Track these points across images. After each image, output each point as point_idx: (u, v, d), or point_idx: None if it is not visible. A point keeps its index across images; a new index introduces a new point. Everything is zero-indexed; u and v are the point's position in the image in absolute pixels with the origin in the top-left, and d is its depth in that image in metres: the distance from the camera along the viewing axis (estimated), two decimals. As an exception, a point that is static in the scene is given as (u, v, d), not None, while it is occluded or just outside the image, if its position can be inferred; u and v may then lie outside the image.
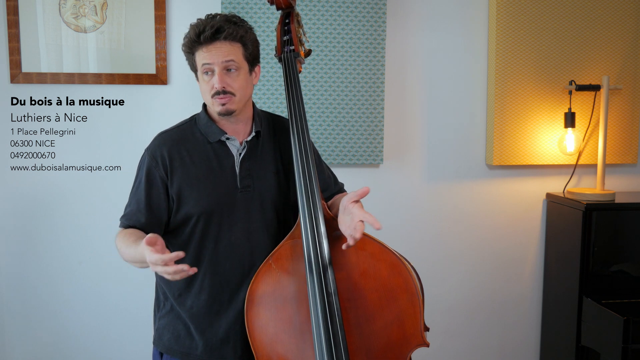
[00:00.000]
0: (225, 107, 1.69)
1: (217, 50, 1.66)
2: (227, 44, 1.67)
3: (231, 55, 1.67)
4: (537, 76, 2.90)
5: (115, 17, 2.64)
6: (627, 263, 2.76)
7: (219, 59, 1.66)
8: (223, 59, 1.66)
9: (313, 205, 1.69)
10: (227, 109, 1.69)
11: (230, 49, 1.67)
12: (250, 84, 1.76)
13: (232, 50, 1.68)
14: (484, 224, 3.02)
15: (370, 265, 1.66)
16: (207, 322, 1.74)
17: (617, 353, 2.48)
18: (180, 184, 1.72)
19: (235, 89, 1.69)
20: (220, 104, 1.68)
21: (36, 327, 2.75)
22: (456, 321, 3.04)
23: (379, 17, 2.75)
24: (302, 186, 1.71)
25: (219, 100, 1.68)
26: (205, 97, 1.72)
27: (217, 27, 1.65)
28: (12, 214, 2.70)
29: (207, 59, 1.67)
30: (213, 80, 1.67)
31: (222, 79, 1.67)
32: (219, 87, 1.66)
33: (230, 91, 1.68)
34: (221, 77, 1.66)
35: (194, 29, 1.67)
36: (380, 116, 2.79)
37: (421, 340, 1.64)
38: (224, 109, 1.69)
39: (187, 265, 1.40)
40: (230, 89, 1.68)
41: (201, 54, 1.68)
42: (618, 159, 3.01)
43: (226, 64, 1.67)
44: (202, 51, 1.67)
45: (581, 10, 2.90)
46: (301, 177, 1.72)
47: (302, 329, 1.64)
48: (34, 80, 2.62)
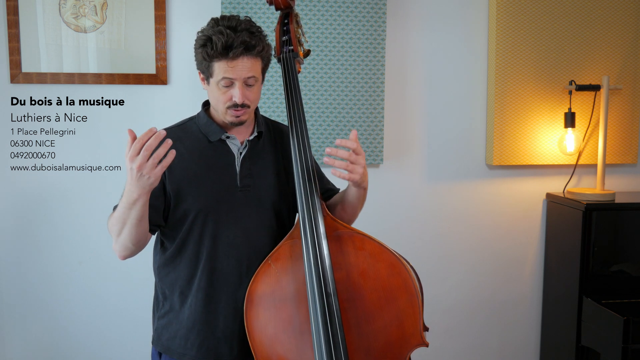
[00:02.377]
0: (239, 119, 1.69)
1: (242, 66, 1.64)
2: (252, 59, 1.65)
3: (253, 71, 1.66)
4: (537, 76, 2.91)
5: (115, 17, 2.64)
6: (627, 263, 2.76)
7: (242, 75, 1.64)
8: (246, 75, 1.65)
9: (312, 205, 1.69)
10: (241, 120, 1.70)
11: (253, 64, 1.66)
12: (260, 92, 1.77)
13: (254, 65, 1.66)
14: (484, 224, 3.02)
15: (370, 265, 1.66)
16: (205, 321, 1.74)
17: (617, 353, 2.48)
18: (179, 180, 1.71)
19: (252, 102, 1.69)
20: (235, 116, 1.68)
21: (36, 327, 2.75)
22: (456, 321, 3.04)
23: (379, 17, 2.75)
24: (301, 186, 1.71)
25: (234, 113, 1.68)
26: (218, 105, 1.70)
27: (246, 43, 1.62)
28: (12, 214, 2.70)
29: (229, 73, 1.63)
30: (232, 92, 1.65)
31: (244, 94, 1.65)
32: (239, 102, 1.65)
33: (248, 104, 1.68)
34: (242, 92, 1.65)
35: (221, 41, 1.60)
36: (380, 116, 2.80)
37: (420, 340, 1.64)
38: (238, 120, 1.69)
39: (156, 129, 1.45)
40: (248, 102, 1.68)
41: (223, 66, 1.63)
42: (618, 159, 3.01)
43: (248, 79, 1.66)
44: (224, 64, 1.63)
45: (581, 10, 2.90)
46: (300, 176, 1.72)
47: (302, 329, 1.64)
48: (34, 80, 2.62)
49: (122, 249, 1.67)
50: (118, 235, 1.63)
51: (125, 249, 1.66)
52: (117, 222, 1.61)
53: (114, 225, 1.63)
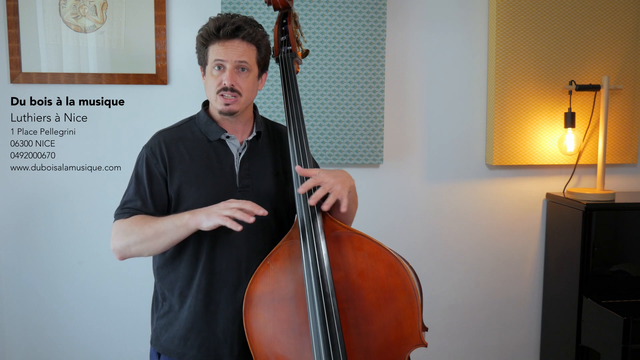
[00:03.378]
0: (228, 107, 1.70)
1: (234, 48, 1.68)
2: (244, 44, 1.69)
3: (245, 55, 1.69)
4: (537, 76, 2.90)
5: (115, 17, 2.65)
6: (627, 263, 2.76)
7: (234, 57, 1.67)
8: (237, 58, 1.68)
9: (310, 205, 1.69)
10: (230, 109, 1.70)
11: (246, 49, 1.69)
12: (256, 88, 1.77)
13: (247, 50, 1.69)
14: (484, 224, 3.02)
15: (368, 265, 1.66)
16: (204, 321, 1.74)
17: (617, 353, 2.47)
18: (179, 181, 1.72)
19: (243, 89, 1.70)
20: (224, 103, 1.69)
21: (36, 326, 2.75)
22: (456, 321, 3.04)
23: (379, 17, 2.75)
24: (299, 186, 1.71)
25: (223, 99, 1.69)
26: (210, 92, 1.72)
27: (238, 25, 1.67)
28: (12, 214, 2.71)
29: (221, 54, 1.67)
30: (223, 76, 1.68)
31: (233, 77, 1.68)
32: (228, 84, 1.67)
33: (238, 90, 1.69)
34: (232, 75, 1.68)
35: (214, 22, 1.68)
36: (380, 116, 2.79)
37: (419, 341, 1.63)
38: (227, 108, 1.70)
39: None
40: (238, 88, 1.69)
41: (216, 48, 1.68)
42: (618, 159, 3.01)
43: (239, 63, 1.69)
44: (217, 45, 1.68)
45: (581, 10, 2.90)
46: (298, 176, 1.72)
47: (301, 330, 1.64)
48: (34, 80, 2.63)
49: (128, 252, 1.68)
50: (141, 242, 1.65)
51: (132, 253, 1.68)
52: (152, 231, 1.63)
53: (143, 232, 1.65)
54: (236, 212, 1.55)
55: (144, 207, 1.72)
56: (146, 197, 1.72)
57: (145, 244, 1.65)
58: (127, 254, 1.69)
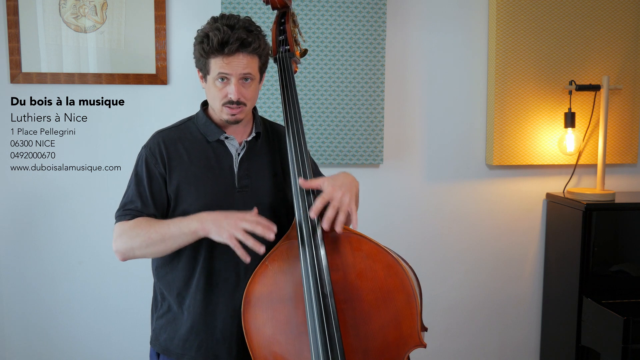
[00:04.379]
0: (235, 117, 1.70)
1: (238, 62, 1.65)
2: (248, 56, 1.66)
3: (249, 67, 1.67)
4: (537, 76, 2.90)
5: (115, 17, 2.65)
6: (627, 263, 2.76)
7: (238, 70, 1.65)
8: (242, 71, 1.66)
9: (309, 206, 1.69)
10: (237, 119, 1.71)
11: (250, 61, 1.67)
12: (258, 92, 1.77)
13: (250, 62, 1.67)
14: (484, 224, 3.02)
15: (367, 266, 1.66)
16: (203, 322, 1.74)
17: (617, 353, 2.47)
18: (178, 181, 1.72)
19: (248, 99, 1.70)
20: (230, 114, 1.69)
21: (36, 326, 2.76)
22: (456, 321, 3.04)
23: (379, 17, 2.75)
24: (298, 186, 1.71)
25: (229, 110, 1.68)
26: (214, 102, 1.71)
27: (242, 40, 1.63)
28: (12, 214, 2.71)
29: (225, 69, 1.65)
30: (228, 89, 1.67)
31: (239, 91, 1.67)
32: (234, 98, 1.66)
33: (244, 102, 1.68)
34: (238, 88, 1.66)
35: (217, 37, 1.62)
36: (380, 116, 2.79)
37: (418, 341, 1.63)
38: (233, 118, 1.70)
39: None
40: (243, 100, 1.68)
41: (219, 62, 1.65)
42: (618, 159, 3.01)
43: (244, 75, 1.67)
44: (220, 60, 1.65)
45: (581, 10, 2.90)
46: (297, 176, 1.72)
47: (299, 330, 1.64)
48: (34, 80, 2.63)
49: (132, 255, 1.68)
50: (147, 247, 1.65)
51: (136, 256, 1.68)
52: (158, 235, 1.63)
53: (148, 236, 1.64)
54: (248, 240, 1.54)
55: (144, 208, 1.71)
56: (147, 197, 1.72)
57: (150, 248, 1.65)
58: (130, 257, 1.69)
